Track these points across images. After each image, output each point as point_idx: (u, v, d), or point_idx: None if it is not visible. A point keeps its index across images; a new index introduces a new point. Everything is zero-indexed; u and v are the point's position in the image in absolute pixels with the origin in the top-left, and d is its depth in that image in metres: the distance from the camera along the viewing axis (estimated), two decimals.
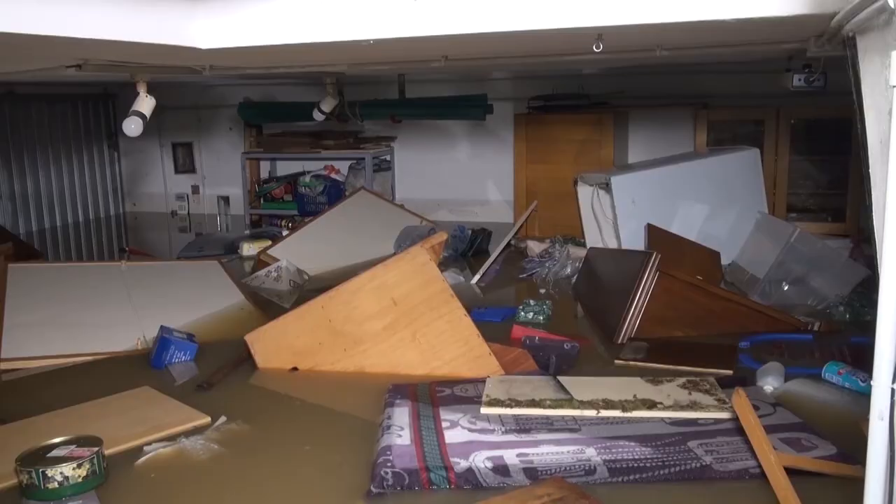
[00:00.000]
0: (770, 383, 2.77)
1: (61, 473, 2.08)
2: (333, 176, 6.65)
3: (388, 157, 6.75)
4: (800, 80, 3.78)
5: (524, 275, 4.66)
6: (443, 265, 3.80)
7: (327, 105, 5.08)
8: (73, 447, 2.20)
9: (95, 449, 2.19)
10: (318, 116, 5.21)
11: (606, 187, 4.65)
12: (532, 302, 3.83)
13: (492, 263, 4.75)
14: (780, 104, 5.15)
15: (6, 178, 6.60)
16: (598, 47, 2.35)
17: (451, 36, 2.18)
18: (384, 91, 6.43)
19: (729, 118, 5.56)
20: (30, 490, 2.09)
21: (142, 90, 3.05)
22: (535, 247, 5.02)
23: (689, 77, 5.67)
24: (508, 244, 5.11)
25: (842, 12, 1.60)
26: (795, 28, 2.38)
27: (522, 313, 3.73)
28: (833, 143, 5.12)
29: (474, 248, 5.25)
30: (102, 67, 2.73)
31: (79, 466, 2.11)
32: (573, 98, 5.87)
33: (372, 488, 2.11)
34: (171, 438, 2.46)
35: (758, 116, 5.33)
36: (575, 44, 2.56)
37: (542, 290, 4.30)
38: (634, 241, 4.42)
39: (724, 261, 4.37)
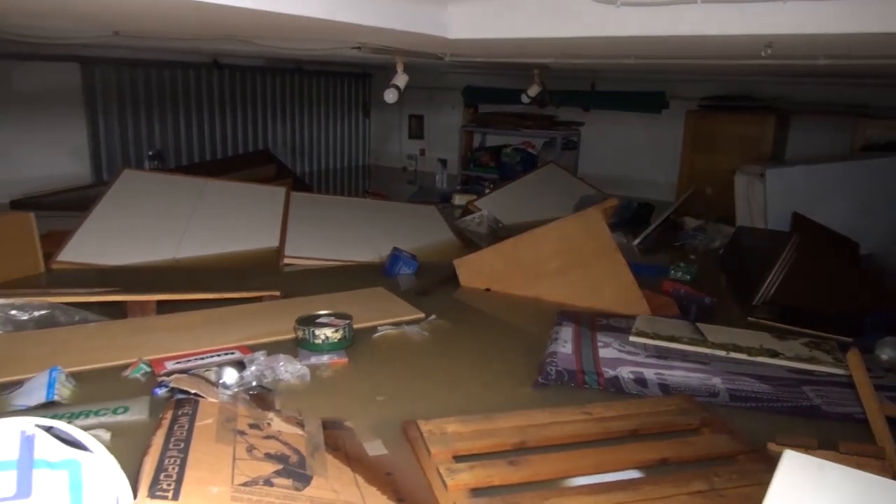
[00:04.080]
0: (886, 353, 2.61)
1: (324, 334, 2.40)
2: (529, 150, 6.76)
3: (575, 139, 6.74)
4: None
5: (678, 243, 4.57)
6: (611, 227, 3.82)
7: (532, 91, 5.16)
8: (332, 318, 2.52)
9: (347, 321, 2.49)
10: (524, 100, 5.31)
11: (761, 178, 4.42)
12: (682, 264, 3.78)
13: (651, 231, 4.69)
14: None
15: (290, 131, 7.30)
16: (765, 53, 2.28)
17: (642, 38, 2.21)
18: (577, 83, 6.41)
19: (886, 128, 5.05)
20: (303, 342, 2.43)
21: (400, 68, 3.30)
22: (690, 222, 4.90)
23: (849, 86, 5.19)
24: (668, 217, 5.00)
25: None
26: None
27: (673, 272, 3.70)
28: None
29: (638, 218, 5.18)
30: (374, 50, 2.99)
31: (336, 331, 2.42)
32: (741, 100, 5.58)
33: (539, 379, 2.27)
34: (397, 325, 2.72)
35: None
36: (746, 49, 2.49)
37: (692, 257, 4.21)
38: (780, 225, 4.20)
39: (862, 251, 4.05)
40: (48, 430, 1.27)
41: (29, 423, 1.25)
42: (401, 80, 3.29)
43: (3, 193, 4.81)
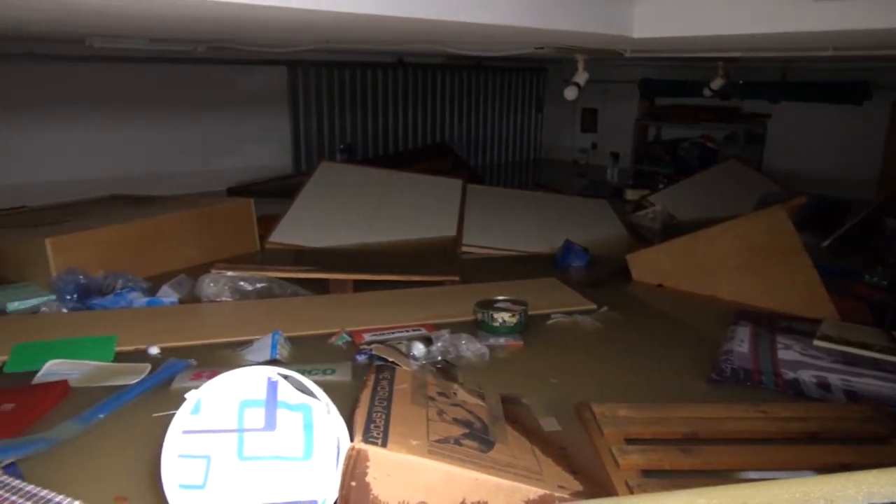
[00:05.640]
0: None
1: (502, 317, 2.58)
2: (709, 144, 6.50)
3: (760, 132, 6.38)
4: None
5: (877, 246, 4.21)
6: (798, 226, 3.62)
7: (716, 84, 4.98)
8: (509, 303, 2.68)
9: (523, 307, 2.65)
10: (706, 94, 5.14)
11: None
12: (880, 268, 3.50)
13: (844, 232, 4.36)
14: None
15: (465, 125, 7.60)
16: None
17: (840, 32, 2.12)
18: (765, 73, 6.05)
19: None
20: (481, 324, 2.62)
21: (580, 66, 3.38)
22: (893, 223, 4.48)
23: None
24: (864, 218, 4.61)
25: None
26: None
27: (868, 276, 3.44)
28: None
29: (830, 217, 4.82)
30: (557, 50, 3.10)
31: (512, 316, 2.59)
32: None
33: (713, 375, 2.27)
34: (569, 314, 2.83)
35: None
36: None
37: (893, 261, 3.87)
38: None
39: None
40: (286, 378, 1.54)
41: (273, 372, 1.54)
42: (581, 77, 3.38)
43: (223, 181, 5.54)
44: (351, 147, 6.47)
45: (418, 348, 2.31)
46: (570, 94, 3.41)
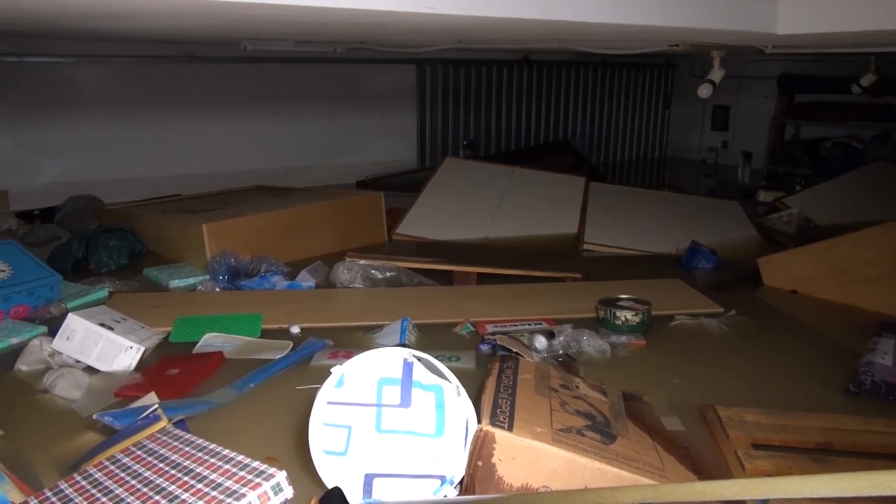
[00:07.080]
0: None
1: (624, 315, 2.58)
2: (854, 144, 6.07)
3: None
4: None
5: None
6: None
7: (866, 81, 4.64)
8: (632, 302, 2.68)
9: (647, 307, 2.63)
10: (855, 90, 4.80)
11: None
12: None
13: None
14: None
15: (588, 122, 7.52)
16: None
17: None
18: None
19: None
20: (603, 321, 2.63)
21: (716, 63, 3.28)
22: None
23: None
24: None
25: None
26: None
27: None
28: None
29: None
30: (692, 47, 3.03)
31: (635, 315, 2.58)
32: None
33: (850, 387, 2.17)
34: (694, 316, 2.76)
35: None
36: None
37: None
38: None
39: None
40: (420, 360, 1.65)
41: (408, 353, 1.65)
42: (717, 75, 3.27)
43: (352, 175, 5.83)
44: (474, 143, 6.59)
45: (540, 341, 2.37)
46: (705, 91, 3.31)
